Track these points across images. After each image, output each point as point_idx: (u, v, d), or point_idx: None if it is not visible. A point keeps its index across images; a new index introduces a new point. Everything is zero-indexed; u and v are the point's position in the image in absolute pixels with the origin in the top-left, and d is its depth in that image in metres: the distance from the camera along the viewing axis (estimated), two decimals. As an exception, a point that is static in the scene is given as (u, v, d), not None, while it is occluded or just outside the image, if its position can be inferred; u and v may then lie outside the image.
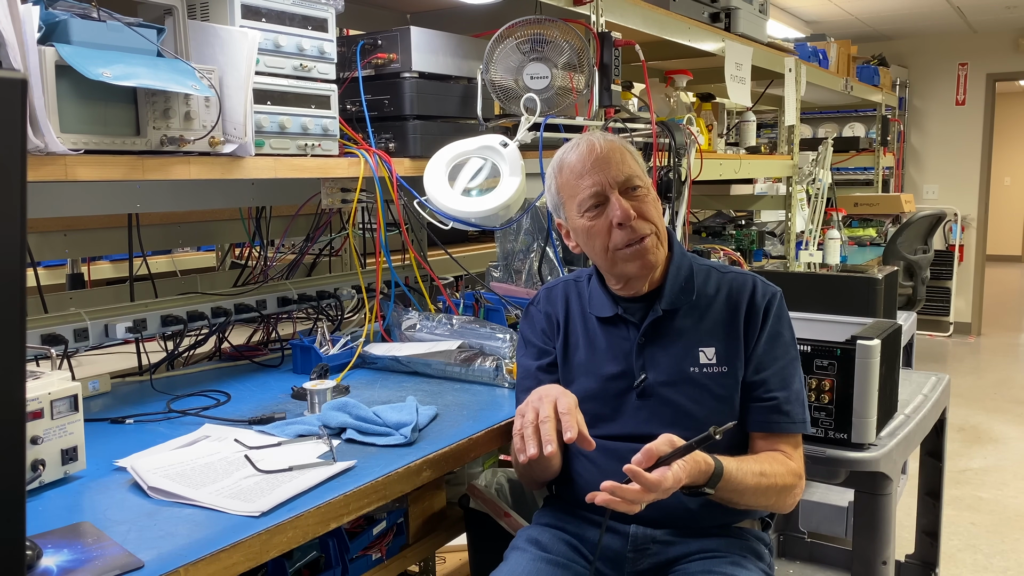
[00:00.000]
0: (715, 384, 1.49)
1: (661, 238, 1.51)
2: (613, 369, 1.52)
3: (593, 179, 1.48)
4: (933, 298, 6.74)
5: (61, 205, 1.82)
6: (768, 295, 1.52)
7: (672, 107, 3.18)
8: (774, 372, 1.49)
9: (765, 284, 1.53)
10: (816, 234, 4.02)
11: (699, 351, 1.50)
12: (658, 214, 1.51)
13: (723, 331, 1.50)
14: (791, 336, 1.53)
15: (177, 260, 3.00)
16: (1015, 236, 12.69)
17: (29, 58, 1.28)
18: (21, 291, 0.78)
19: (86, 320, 1.78)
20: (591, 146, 1.50)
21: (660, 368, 1.50)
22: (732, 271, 1.56)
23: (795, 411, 1.49)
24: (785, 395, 1.49)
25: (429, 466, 1.43)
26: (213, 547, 1.07)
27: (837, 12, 6.08)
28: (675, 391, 1.49)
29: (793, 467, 1.47)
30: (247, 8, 1.64)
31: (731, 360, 1.49)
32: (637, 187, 1.49)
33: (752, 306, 1.51)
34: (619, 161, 1.49)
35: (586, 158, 1.49)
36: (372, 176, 1.88)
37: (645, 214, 1.48)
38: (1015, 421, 4.84)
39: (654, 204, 1.52)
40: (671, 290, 1.52)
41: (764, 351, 1.49)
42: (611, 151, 1.49)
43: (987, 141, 7.13)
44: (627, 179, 1.48)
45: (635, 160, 1.51)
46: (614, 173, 1.48)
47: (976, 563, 3.14)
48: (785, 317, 1.53)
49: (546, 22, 2.08)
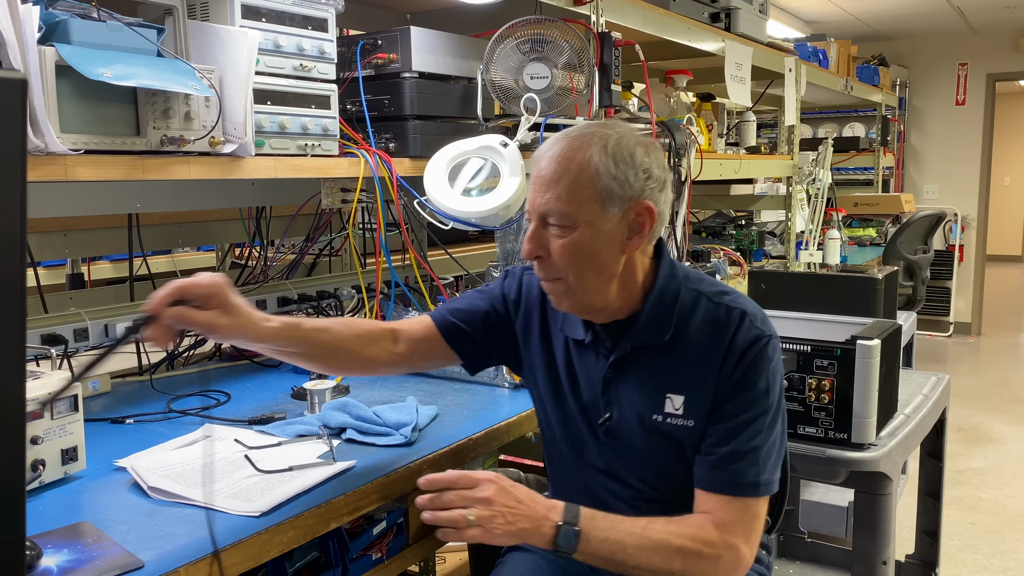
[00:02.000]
0: (679, 438, 1.30)
1: (576, 288, 1.28)
2: (583, 398, 1.37)
3: (530, 196, 1.29)
4: (933, 298, 6.74)
5: (61, 205, 1.82)
6: (750, 339, 1.27)
7: (672, 107, 3.18)
8: (729, 425, 1.27)
9: (752, 325, 1.28)
10: (816, 234, 4.02)
11: (667, 397, 1.31)
12: (580, 261, 1.26)
13: (696, 376, 1.29)
14: (767, 387, 1.28)
15: (177, 260, 3.00)
16: (1015, 236, 12.69)
17: (29, 58, 1.28)
18: (21, 291, 0.78)
19: (86, 320, 1.78)
20: (544, 158, 1.27)
21: (624, 408, 1.34)
22: (724, 303, 1.31)
23: (740, 470, 1.26)
24: (730, 451, 1.27)
25: (429, 466, 1.43)
26: (213, 547, 1.07)
27: (837, 12, 6.08)
28: (638, 437, 1.33)
29: (708, 536, 1.23)
30: (247, 8, 1.64)
31: (698, 413, 1.29)
32: (551, 224, 1.26)
33: (730, 349, 1.27)
34: (552, 186, 1.24)
35: (537, 168, 1.28)
36: (372, 176, 1.88)
37: (554, 256, 1.26)
38: (1015, 421, 4.84)
39: (576, 249, 1.25)
40: (644, 325, 1.31)
41: (725, 399, 1.28)
42: (553, 172, 1.25)
43: (987, 141, 7.13)
44: (545, 213, 1.26)
45: (577, 190, 1.23)
46: (541, 200, 1.26)
47: (976, 563, 3.14)
48: (764, 365, 1.28)
49: (546, 22, 2.08)
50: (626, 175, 1.24)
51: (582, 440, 1.39)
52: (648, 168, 1.26)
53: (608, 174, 1.23)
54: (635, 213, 1.25)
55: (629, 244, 1.27)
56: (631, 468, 1.35)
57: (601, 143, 1.24)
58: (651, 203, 1.26)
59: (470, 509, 1.19)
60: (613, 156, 1.23)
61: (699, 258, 3.41)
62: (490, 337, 1.47)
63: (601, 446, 1.36)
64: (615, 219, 1.25)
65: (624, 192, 1.24)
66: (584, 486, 1.40)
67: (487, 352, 1.48)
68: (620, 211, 1.25)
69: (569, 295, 1.29)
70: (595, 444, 1.37)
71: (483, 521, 1.20)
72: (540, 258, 1.28)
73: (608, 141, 1.24)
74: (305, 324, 1.33)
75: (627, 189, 1.24)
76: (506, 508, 1.21)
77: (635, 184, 1.25)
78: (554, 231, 1.26)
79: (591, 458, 1.38)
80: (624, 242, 1.27)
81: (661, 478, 1.32)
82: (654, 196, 1.27)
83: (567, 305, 1.32)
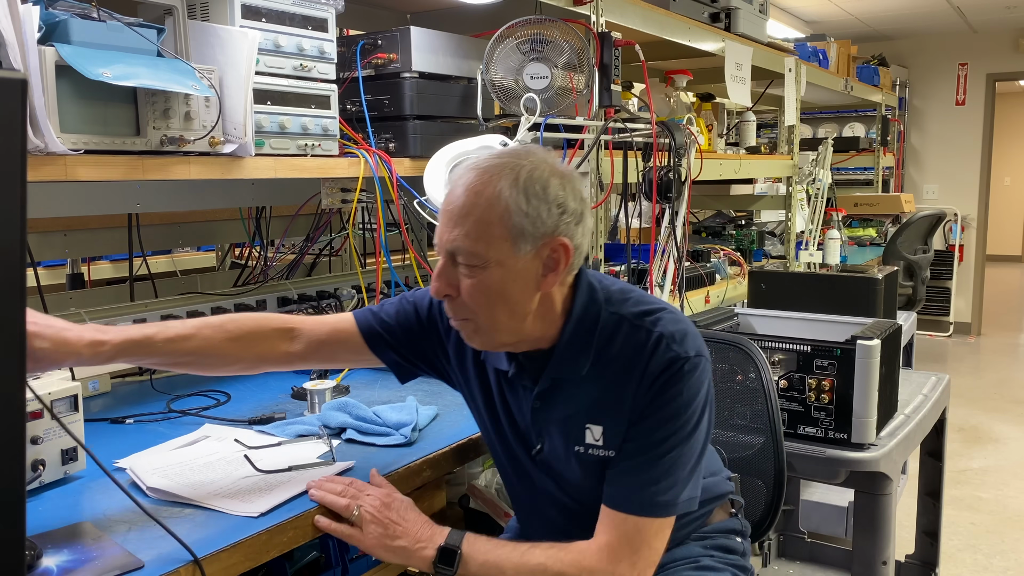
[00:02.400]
0: (599, 470, 1.27)
1: (487, 328, 1.23)
2: (518, 426, 1.34)
3: (438, 230, 1.22)
4: (933, 298, 6.74)
5: (61, 205, 1.82)
6: (664, 362, 1.21)
7: (672, 107, 3.18)
8: (633, 444, 1.23)
9: (668, 348, 1.22)
10: (816, 234, 4.01)
11: (587, 428, 1.27)
12: (490, 301, 1.20)
13: (614, 405, 1.25)
14: (678, 409, 1.22)
15: (177, 260, 3.00)
16: (1015, 236, 12.68)
17: (29, 58, 1.28)
18: (21, 291, 0.78)
19: (86, 320, 1.78)
20: (454, 191, 1.20)
21: (552, 440, 1.31)
22: (645, 325, 1.24)
23: (636, 487, 1.22)
24: (629, 467, 1.22)
25: (429, 466, 1.43)
26: (213, 547, 1.07)
27: (837, 12, 6.08)
28: (569, 466, 1.30)
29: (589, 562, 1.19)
30: (247, 8, 1.64)
31: (617, 442, 1.25)
32: (459, 263, 1.20)
33: (644, 374, 1.22)
34: (460, 222, 1.17)
35: (446, 201, 1.22)
36: (372, 176, 1.88)
37: (464, 296, 1.20)
38: (1015, 421, 4.84)
39: (486, 289, 1.19)
40: (562, 355, 1.26)
41: (636, 421, 1.23)
42: (461, 207, 1.18)
43: (987, 141, 7.13)
44: (453, 250, 1.19)
45: (486, 227, 1.16)
46: (448, 236, 1.19)
47: (976, 563, 3.14)
48: (680, 388, 1.21)
49: (546, 22, 2.08)
50: (538, 211, 1.16)
51: (523, 465, 1.37)
52: (563, 202, 1.19)
53: (519, 211, 1.16)
54: (549, 250, 1.19)
55: (544, 281, 1.21)
56: (571, 493, 1.33)
57: (512, 176, 1.17)
58: (566, 239, 1.19)
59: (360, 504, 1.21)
60: (525, 191, 1.16)
61: (699, 258, 3.41)
62: (416, 351, 1.42)
63: (539, 473, 1.35)
64: (528, 257, 1.18)
65: (536, 229, 1.17)
66: (533, 505, 1.40)
67: (413, 364, 1.43)
68: (533, 249, 1.18)
69: (480, 334, 1.24)
70: (533, 470, 1.35)
71: (363, 523, 1.22)
72: (449, 296, 1.22)
73: (520, 173, 1.17)
74: (158, 337, 1.25)
75: (539, 226, 1.17)
76: (388, 520, 1.23)
77: (548, 220, 1.17)
78: (463, 270, 1.19)
79: (534, 481, 1.36)
80: (539, 280, 1.20)
81: (598, 501, 1.28)
82: (570, 231, 1.20)
83: (478, 343, 1.27)
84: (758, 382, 1.75)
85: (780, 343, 1.99)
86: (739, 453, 1.76)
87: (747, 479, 1.73)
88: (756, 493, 1.73)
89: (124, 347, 1.21)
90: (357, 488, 1.25)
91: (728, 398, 1.82)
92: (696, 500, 1.28)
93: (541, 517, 1.36)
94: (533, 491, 1.37)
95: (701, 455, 1.28)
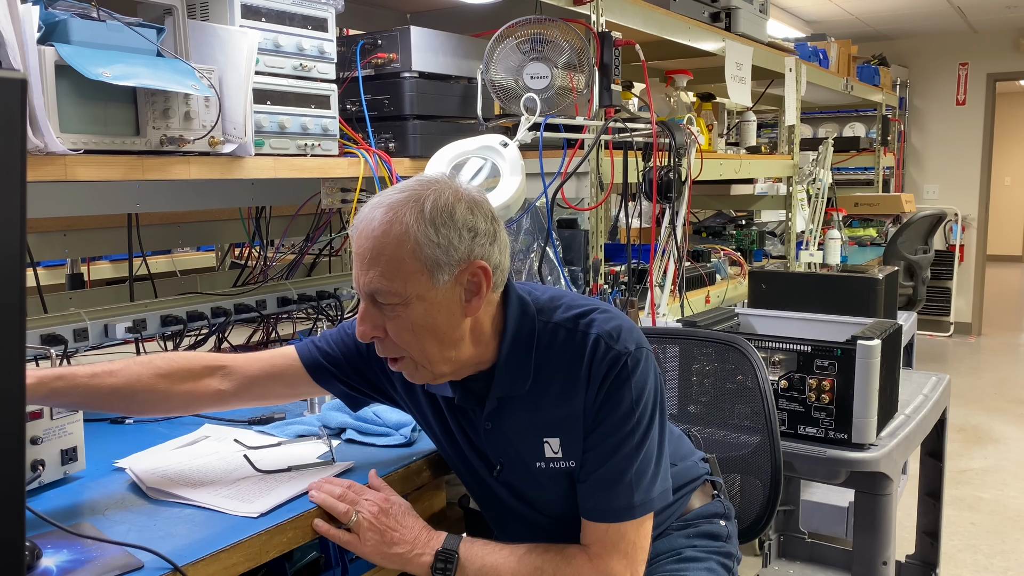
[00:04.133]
0: (565, 481, 1.27)
1: (423, 362, 1.21)
2: (476, 447, 1.33)
3: (355, 273, 1.19)
4: (933, 298, 6.73)
5: (61, 205, 1.82)
6: (608, 361, 1.21)
7: (672, 107, 3.18)
8: (595, 452, 1.23)
9: (608, 347, 1.21)
10: (816, 234, 4.01)
11: (544, 442, 1.26)
12: (419, 336, 1.18)
13: (565, 415, 1.24)
14: (631, 406, 1.21)
15: (177, 260, 3.00)
16: (1015, 236, 12.68)
17: (29, 58, 1.28)
18: (21, 291, 0.78)
19: (86, 320, 1.77)
20: (361, 233, 1.17)
21: (510, 458, 1.31)
22: (580, 328, 1.24)
23: (611, 497, 1.22)
24: (598, 478, 1.23)
25: (429, 466, 1.43)
26: (213, 547, 1.07)
27: (837, 12, 6.08)
28: (532, 482, 1.30)
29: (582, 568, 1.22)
30: (247, 8, 1.64)
31: (576, 451, 1.25)
32: (380, 304, 1.17)
33: (590, 378, 1.22)
34: (373, 263, 1.15)
35: (356, 244, 1.19)
36: (372, 176, 1.88)
37: (392, 336, 1.19)
38: (1015, 421, 4.84)
39: (412, 326, 1.17)
40: (503, 374, 1.24)
41: (592, 427, 1.23)
42: (371, 249, 1.15)
43: (987, 141, 7.13)
44: (371, 292, 1.17)
45: (399, 265, 1.14)
46: (364, 278, 1.17)
47: (976, 563, 3.13)
48: (628, 385, 1.21)
49: (546, 22, 2.08)
50: (449, 239, 1.15)
51: (487, 484, 1.36)
52: (473, 226, 1.17)
53: (430, 243, 1.14)
54: (468, 275, 1.18)
55: (468, 307, 1.19)
56: (538, 508, 1.33)
57: (416, 209, 1.15)
58: (483, 262, 1.18)
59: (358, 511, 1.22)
60: (432, 222, 1.14)
61: (699, 258, 3.41)
62: (363, 380, 1.40)
63: (504, 491, 1.34)
64: (447, 287, 1.16)
65: (451, 257, 1.15)
66: (505, 521, 1.40)
67: (362, 392, 1.41)
68: (451, 277, 1.16)
69: (420, 370, 1.22)
70: (498, 489, 1.35)
71: (360, 530, 1.22)
72: (377, 338, 1.20)
73: (424, 204, 1.15)
74: (81, 372, 1.23)
75: (453, 253, 1.15)
76: (386, 527, 1.23)
77: (460, 247, 1.16)
78: (386, 309, 1.17)
79: (501, 499, 1.36)
80: (463, 306, 1.19)
81: (568, 510, 1.28)
82: (485, 252, 1.18)
83: (420, 379, 1.25)
84: (754, 382, 1.75)
85: (780, 343, 1.99)
86: (736, 452, 1.76)
87: (745, 478, 1.73)
88: (753, 491, 1.73)
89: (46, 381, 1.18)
90: (356, 492, 1.25)
91: (727, 398, 1.82)
92: (669, 491, 1.29)
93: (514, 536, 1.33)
94: (503, 510, 1.37)
95: (662, 445, 1.28)
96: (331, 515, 1.22)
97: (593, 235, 2.31)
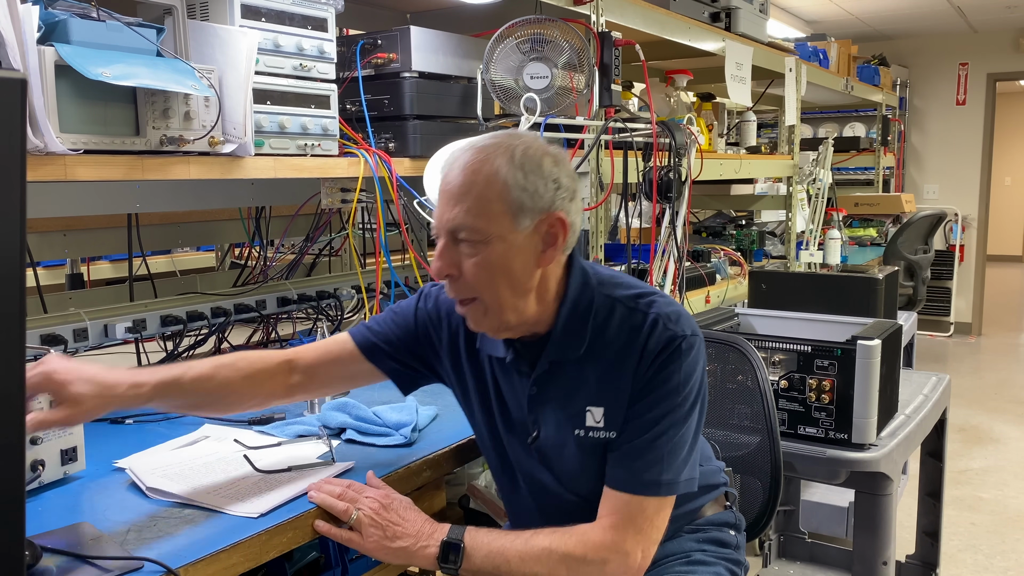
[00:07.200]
0: (599, 452, 1.28)
1: (492, 307, 1.23)
2: (512, 416, 1.35)
3: (438, 211, 1.23)
4: (933, 298, 6.74)
5: (61, 205, 1.81)
6: (663, 341, 1.23)
7: (672, 107, 3.18)
8: (636, 422, 1.25)
9: (665, 327, 1.24)
10: (816, 234, 4.01)
11: (587, 410, 1.27)
12: (494, 278, 1.21)
13: (614, 385, 1.26)
14: (678, 385, 1.24)
15: (177, 260, 3.00)
16: (1015, 236, 12.68)
17: (29, 58, 1.28)
18: (21, 291, 0.78)
19: (86, 320, 1.77)
20: (451, 172, 1.21)
21: (550, 426, 1.31)
22: (640, 307, 1.26)
23: (641, 468, 1.23)
24: (633, 447, 1.24)
25: (429, 466, 1.43)
26: (212, 547, 1.07)
27: (837, 12, 6.08)
28: (564, 453, 1.31)
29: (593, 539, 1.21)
30: (247, 8, 1.64)
31: (618, 423, 1.26)
32: (461, 240, 1.20)
33: (643, 354, 1.24)
34: (461, 199, 1.19)
35: (444, 182, 1.22)
36: (372, 176, 1.88)
37: (466, 275, 1.21)
38: (1015, 421, 4.84)
39: (489, 265, 1.20)
40: (559, 340, 1.27)
41: (636, 399, 1.25)
42: (460, 185, 1.19)
43: (987, 141, 7.12)
44: (454, 228, 1.20)
45: (486, 203, 1.18)
46: (449, 214, 1.20)
47: (976, 563, 3.13)
48: (677, 364, 1.24)
49: (546, 22, 2.08)
50: (536, 186, 1.19)
51: (519, 458, 1.36)
52: (557, 178, 1.21)
53: (517, 185, 1.18)
54: (548, 225, 1.21)
55: (543, 257, 1.23)
56: (567, 483, 1.33)
57: (508, 154, 1.19)
58: (563, 214, 1.22)
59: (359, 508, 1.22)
60: (521, 167, 1.19)
61: (699, 258, 3.41)
62: (413, 355, 1.42)
63: (535, 464, 1.34)
64: (527, 232, 1.20)
65: (535, 204, 1.20)
66: (528, 502, 1.39)
67: (413, 369, 1.43)
68: (532, 223, 1.20)
69: (488, 316, 1.24)
70: (529, 462, 1.35)
71: (361, 527, 1.22)
72: (451, 276, 1.23)
73: (515, 152, 1.20)
74: (185, 378, 1.28)
75: (537, 201, 1.20)
76: (387, 522, 1.23)
77: (545, 195, 1.20)
78: (465, 248, 1.20)
79: (530, 475, 1.36)
80: (538, 255, 1.22)
81: (595, 491, 1.28)
82: (565, 206, 1.22)
83: (486, 326, 1.26)
84: (754, 382, 1.76)
85: (780, 343, 1.99)
86: (737, 452, 1.76)
87: (744, 478, 1.74)
88: (753, 492, 1.73)
89: (159, 388, 1.24)
90: (355, 491, 1.25)
91: (727, 398, 1.82)
92: (695, 482, 1.30)
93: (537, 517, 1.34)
94: (528, 488, 1.37)
95: (697, 436, 1.30)
96: (332, 515, 1.22)
97: (593, 235, 2.32)
